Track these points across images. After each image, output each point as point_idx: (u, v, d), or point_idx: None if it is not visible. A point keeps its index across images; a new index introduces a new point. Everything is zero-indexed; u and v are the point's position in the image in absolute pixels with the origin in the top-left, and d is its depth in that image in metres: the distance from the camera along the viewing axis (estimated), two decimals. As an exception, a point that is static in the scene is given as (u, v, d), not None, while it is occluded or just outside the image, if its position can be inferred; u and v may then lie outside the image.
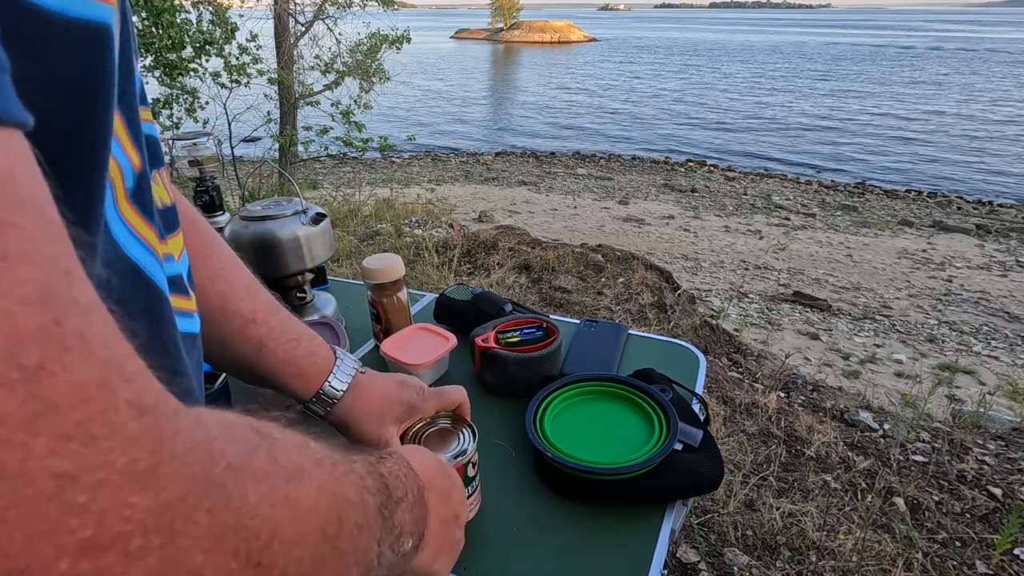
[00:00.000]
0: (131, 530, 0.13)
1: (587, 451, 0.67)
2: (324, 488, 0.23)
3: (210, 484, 0.16)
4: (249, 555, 0.17)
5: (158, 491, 0.14)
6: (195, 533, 0.15)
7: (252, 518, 0.18)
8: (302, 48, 7.69)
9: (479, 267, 3.37)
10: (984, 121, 14.24)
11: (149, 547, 0.14)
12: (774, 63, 29.19)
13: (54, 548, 0.12)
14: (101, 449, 0.13)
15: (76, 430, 0.13)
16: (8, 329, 0.12)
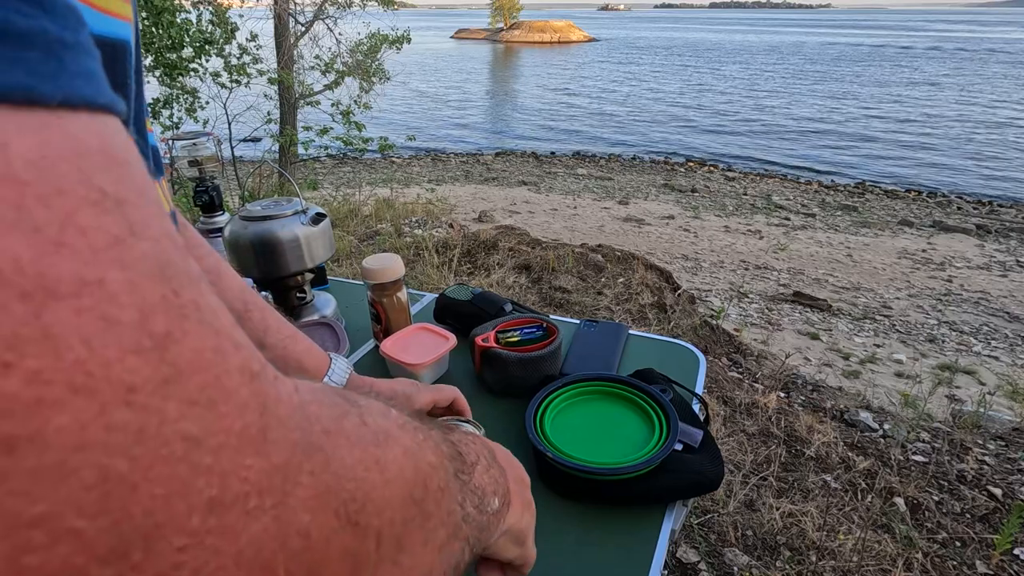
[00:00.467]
0: (248, 491, 0.14)
1: (587, 451, 0.67)
2: (409, 453, 0.23)
3: (311, 447, 0.17)
4: (348, 515, 0.18)
5: (268, 454, 0.15)
6: (301, 494, 0.16)
7: (349, 480, 0.18)
8: (302, 48, 7.69)
9: (479, 267, 3.37)
10: (984, 121, 14.24)
11: (263, 507, 0.15)
12: (774, 63, 29.19)
13: (186, 505, 0.13)
14: (220, 413, 0.14)
15: (199, 395, 0.14)
16: (138, 300, 0.13)
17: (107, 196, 0.14)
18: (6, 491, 0.11)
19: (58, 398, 0.11)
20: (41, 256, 0.12)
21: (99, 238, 0.13)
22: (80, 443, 0.12)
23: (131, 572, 0.12)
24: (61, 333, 0.12)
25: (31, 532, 0.11)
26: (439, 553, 0.25)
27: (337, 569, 0.18)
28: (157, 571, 0.13)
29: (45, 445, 0.11)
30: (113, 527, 0.12)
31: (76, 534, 0.11)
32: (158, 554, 0.13)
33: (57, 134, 0.13)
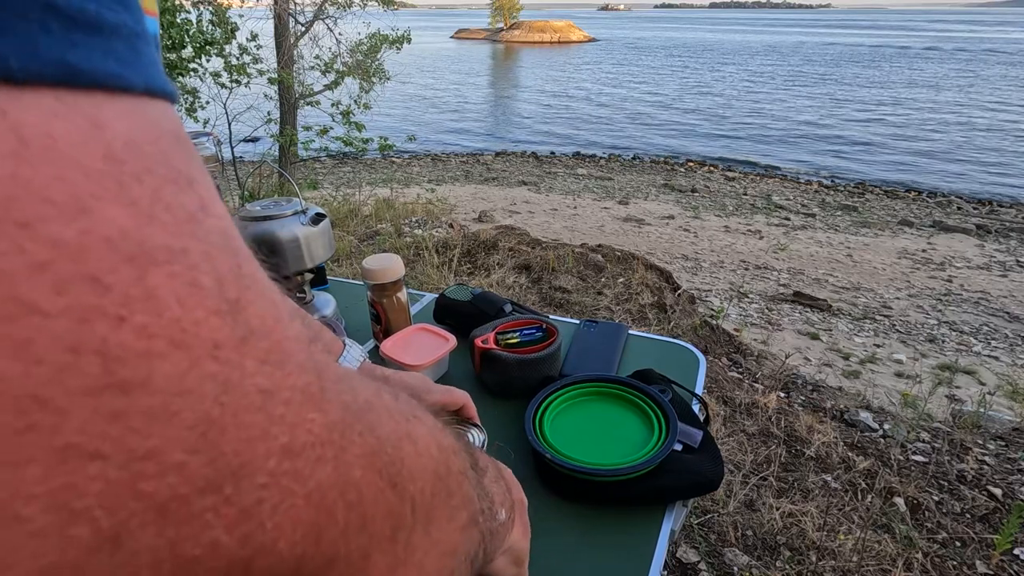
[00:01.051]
0: (312, 441, 0.16)
1: (587, 452, 0.67)
2: (432, 434, 0.25)
3: (357, 411, 0.19)
4: (390, 477, 0.20)
5: (327, 411, 0.17)
6: (354, 451, 0.18)
7: (388, 446, 0.20)
8: (302, 48, 7.69)
9: (479, 267, 3.37)
10: (984, 121, 14.24)
11: (325, 457, 0.16)
12: (774, 63, 29.19)
13: (265, 449, 0.15)
14: (286, 372, 0.16)
15: (268, 355, 0.15)
16: (214, 269, 0.15)
17: (182, 175, 0.15)
18: (125, 427, 0.12)
19: (161, 350, 0.13)
20: (140, 226, 0.13)
21: (180, 213, 0.14)
22: (181, 389, 0.13)
23: (224, 503, 0.14)
24: (161, 294, 0.13)
25: (145, 463, 0.12)
26: (461, 534, 0.26)
27: (381, 526, 0.19)
28: (244, 504, 0.14)
29: (154, 389, 0.13)
30: (209, 463, 0.14)
31: (181, 467, 0.13)
32: (244, 489, 0.14)
33: (142, 119, 0.14)
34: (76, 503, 0.12)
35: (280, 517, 0.15)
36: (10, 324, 0.11)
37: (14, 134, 0.12)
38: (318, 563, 0.17)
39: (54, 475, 0.11)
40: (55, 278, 0.12)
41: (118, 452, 0.12)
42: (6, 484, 0.11)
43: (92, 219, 0.12)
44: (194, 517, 0.13)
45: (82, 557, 0.12)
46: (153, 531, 0.13)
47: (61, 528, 0.11)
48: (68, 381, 0.12)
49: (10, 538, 0.11)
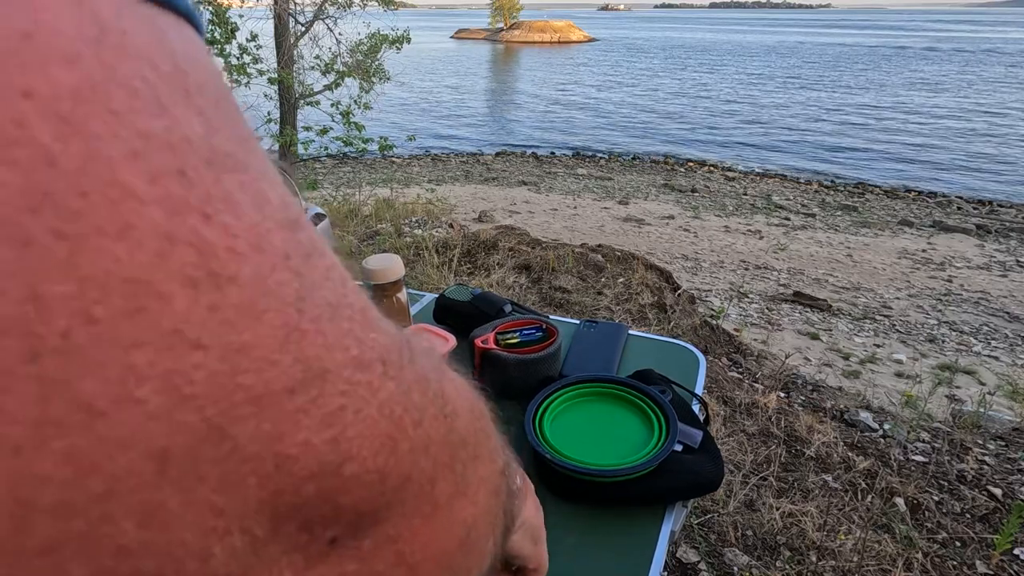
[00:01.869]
0: (376, 357, 0.17)
1: (586, 453, 0.67)
2: (461, 380, 0.25)
3: (402, 343, 0.19)
4: (441, 406, 0.20)
5: (382, 331, 0.18)
6: (408, 375, 0.18)
7: (432, 376, 0.20)
8: (302, 48, 7.69)
9: (479, 267, 3.37)
10: (984, 121, 14.24)
11: (389, 374, 0.17)
12: (774, 63, 29.20)
13: (342, 358, 0.15)
14: (345, 291, 0.17)
15: (327, 273, 0.16)
16: (275, 186, 0.15)
17: (228, 96, 0.15)
18: (222, 319, 0.13)
19: (243, 251, 0.13)
20: (209, 133, 0.13)
21: (237, 131, 0.15)
22: (265, 289, 0.13)
23: (311, 404, 0.14)
24: (238, 199, 0.13)
25: (241, 357, 0.13)
26: (500, 477, 0.26)
27: (441, 451, 0.19)
28: (329, 408, 0.15)
29: (242, 286, 0.13)
30: (296, 363, 0.14)
31: (273, 364, 0.13)
32: (328, 394, 0.15)
33: (188, 35, 0.15)
34: (185, 389, 0.12)
35: (361, 425, 0.15)
36: (114, 207, 0.11)
37: (95, 22, 0.12)
38: (396, 479, 0.17)
39: (163, 359, 0.12)
40: (148, 167, 0.12)
41: (217, 343, 0.12)
42: (123, 365, 0.11)
43: (172, 118, 0.12)
44: (287, 415, 0.14)
45: (193, 444, 0.12)
46: (253, 425, 0.13)
47: (171, 412, 0.12)
48: (168, 267, 0.12)
49: (130, 418, 0.11)
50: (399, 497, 0.17)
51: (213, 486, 0.13)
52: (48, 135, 0.10)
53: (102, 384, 0.11)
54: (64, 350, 0.10)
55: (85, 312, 0.11)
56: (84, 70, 0.11)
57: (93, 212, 0.11)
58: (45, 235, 0.10)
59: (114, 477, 0.11)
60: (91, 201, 0.11)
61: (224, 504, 0.13)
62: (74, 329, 0.11)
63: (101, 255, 0.11)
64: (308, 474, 0.14)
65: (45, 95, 0.11)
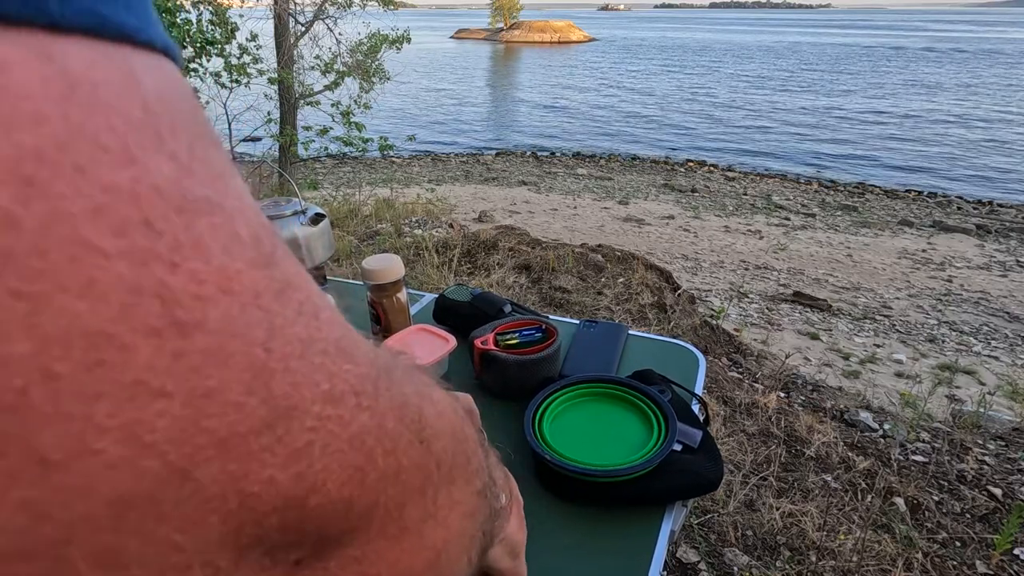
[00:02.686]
0: (349, 390, 0.17)
1: (586, 453, 0.67)
2: (446, 400, 0.25)
3: (382, 368, 0.19)
4: (418, 431, 0.20)
5: (358, 363, 0.18)
6: (384, 404, 0.18)
7: (412, 403, 0.21)
8: (302, 48, 7.69)
9: (479, 267, 3.37)
10: (984, 121, 14.24)
11: (361, 405, 0.17)
12: (774, 63, 29.19)
13: (311, 394, 0.15)
14: (319, 324, 0.17)
15: (302, 307, 0.16)
16: (248, 223, 0.15)
17: (207, 133, 0.16)
18: (187, 366, 0.13)
19: (211, 295, 0.13)
20: (181, 177, 0.14)
21: (213, 168, 0.15)
22: (233, 332, 0.14)
23: (277, 443, 0.14)
24: (207, 243, 0.14)
25: (207, 402, 0.13)
26: (478, 499, 0.26)
27: (413, 478, 0.20)
28: (296, 445, 0.15)
29: (209, 331, 0.13)
30: (263, 403, 0.14)
31: (238, 407, 0.14)
32: (295, 431, 0.15)
33: (167, 75, 0.15)
34: (146, 437, 0.12)
35: (328, 459, 0.16)
36: (76, 264, 0.11)
37: (64, 79, 0.12)
38: (363, 507, 0.17)
39: (124, 410, 0.12)
40: (113, 221, 0.12)
41: (181, 390, 0.13)
42: (81, 418, 0.11)
43: (140, 168, 0.13)
44: (252, 455, 0.14)
45: (154, 488, 0.12)
46: (217, 466, 0.13)
47: (133, 460, 0.12)
48: (132, 320, 0.12)
49: (87, 469, 0.11)
50: (365, 522, 0.18)
51: (174, 526, 0.13)
52: (8, 198, 0.11)
53: (58, 438, 0.11)
54: (19, 407, 0.11)
55: (44, 368, 0.11)
56: (50, 130, 0.11)
57: (54, 271, 0.11)
58: (6, 297, 0.11)
59: (69, 524, 0.11)
60: (51, 260, 0.11)
61: (185, 542, 0.13)
62: (31, 386, 0.11)
63: (62, 313, 0.11)
64: (271, 508, 0.15)
65: (8, 157, 0.11)
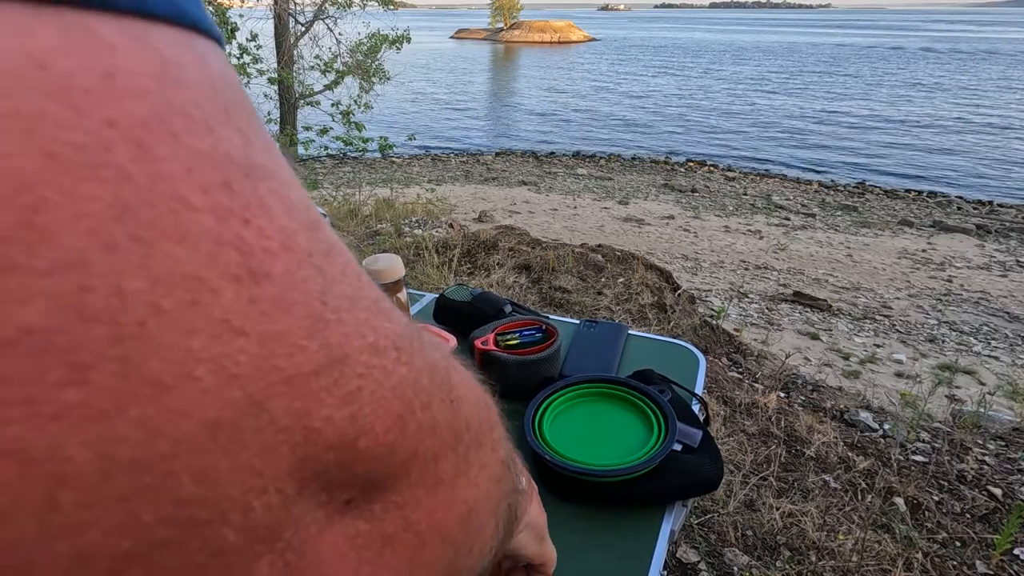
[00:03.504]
0: (389, 345, 0.18)
1: (586, 453, 0.67)
2: (469, 373, 0.26)
3: (411, 332, 0.21)
4: (448, 392, 0.22)
5: (395, 321, 0.19)
6: (419, 362, 0.20)
7: (441, 365, 0.22)
8: (302, 48, 7.69)
9: (479, 267, 3.37)
10: (984, 121, 14.24)
11: (401, 359, 0.19)
12: (774, 63, 29.19)
13: (359, 344, 0.17)
14: (362, 283, 0.19)
15: (345, 268, 0.18)
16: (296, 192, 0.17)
17: (255, 111, 0.17)
18: (259, 311, 0.14)
19: (276, 250, 0.15)
20: (245, 146, 0.15)
21: (265, 141, 0.17)
22: (293, 283, 0.15)
23: (334, 386, 0.16)
24: (270, 204, 0.15)
25: (276, 343, 0.15)
26: (502, 467, 0.27)
27: (446, 433, 0.21)
28: (348, 388, 0.17)
29: (275, 281, 0.15)
30: (321, 348, 0.16)
31: (301, 349, 0.15)
32: (347, 376, 0.17)
33: (222, 59, 0.16)
34: (232, 369, 0.14)
35: (375, 404, 0.17)
36: (175, 216, 0.13)
37: (158, 60, 0.14)
38: (404, 454, 0.19)
39: (214, 344, 0.13)
40: (200, 181, 0.14)
41: (256, 331, 0.14)
42: (183, 349, 0.13)
43: (217, 137, 0.15)
44: (313, 394, 0.16)
45: (238, 416, 0.14)
46: (285, 401, 0.15)
47: (221, 389, 0.14)
48: (218, 266, 0.14)
49: (188, 393, 0.13)
50: (406, 470, 0.19)
51: (254, 452, 0.15)
52: (126, 157, 0.13)
53: (168, 364, 0.13)
54: (140, 335, 0.13)
55: (155, 304, 0.13)
56: (151, 102, 0.13)
57: (160, 221, 0.13)
58: (125, 240, 0.12)
59: (177, 441, 0.13)
60: (158, 211, 0.13)
61: (262, 467, 0.15)
62: (148, 319, 0.13)
63: (167, 257, 0.13)
64: (329, 445, 0.16)
65: (124, 124, 0.13)
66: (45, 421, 0.12)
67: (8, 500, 0.12)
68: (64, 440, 0.12)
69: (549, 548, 0.41)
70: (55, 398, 0.12)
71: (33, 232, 0.11)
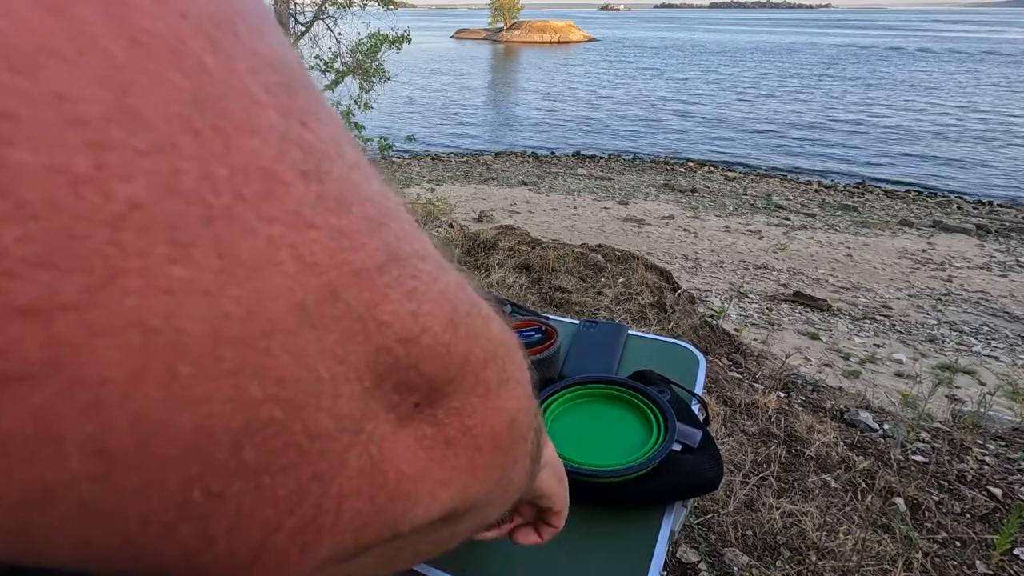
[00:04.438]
0: (429, 254, 0.19)
1: (586, 454, 0.67)
2: (492, 307, 0.27)
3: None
4: (479, 311, 0.22)
5: (427, 243, 0.20)
6: (453, 278, 0.21)
7: (468, 287, 0.22)
8: (302, 48, 7.69)
9: (479, 267, 3.37)
10: (984, 121, 14.24)
11: (441, 269, 0.20)
12: (773, 64, 29.19)
13: (409, 249, 0.18)
14: (399, 201, 0.20)
15: (383, 185, 0.19)
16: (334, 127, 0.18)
17: (284, 35, 0.18)
18: (325, 207, 0.15)
19: (331, 154, 0.16)
20: (287, 59, 0.16)
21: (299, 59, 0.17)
22: (348, 186, 0.16)
23: (395, 282, 0.17)
24: (318, 112, 0.16)
25: (342, 238, 0.15)
26: (528, 401, 0.28)
27: (486, 343, 0.22)
28: (407, 286, 0.17)
29: (335, 180, 0.16)
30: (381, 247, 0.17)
31: (363, 246, 0.16)
32: (406, 275, 0.17)
33: None
34: (308, 258, 0.14)
35: (430, 304, 0.18)
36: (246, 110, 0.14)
37: None
38: (458, 359, 0.20)
39: (290, 233, 0.14)
40: (263, 79, 0.15)
41: (324, 224, 0.15)
42: (264, 235, 0.14)
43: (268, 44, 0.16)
44: (378, 288, 0.16)
45: (318, 302, 0.15)
46: (356, 292, 0.16)
47: (301, 275, 0.14)
48: (287, 160, 0.14)
49: (274, 276, 0.14)
50: (461, 374, 0.20)
51: (336, 338, 0.15)
52: (200, 48, 0.13)
53: (254, 246, 0.14)
54: (228, 216, 0.13)
55: (237, 191, 0.13)
56: (217, 7, 0.14)
57: (233, 113, 0.14)
58: (208, 128, 0.13)
59: (271, 320, 0.14)
60: (232, 105, 0.14)
61: (344, 353, 0.16)
62: (233, 203, 0.13)
63: (243, 148, 0.14)
64: (398, 339, 0.17)
65: (195, 16, 0.13)
66: (159, 293, 0.12)
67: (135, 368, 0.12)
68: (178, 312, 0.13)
69: (566, 493, 0.42)
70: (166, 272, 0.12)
71: (128, 114, 0.12)
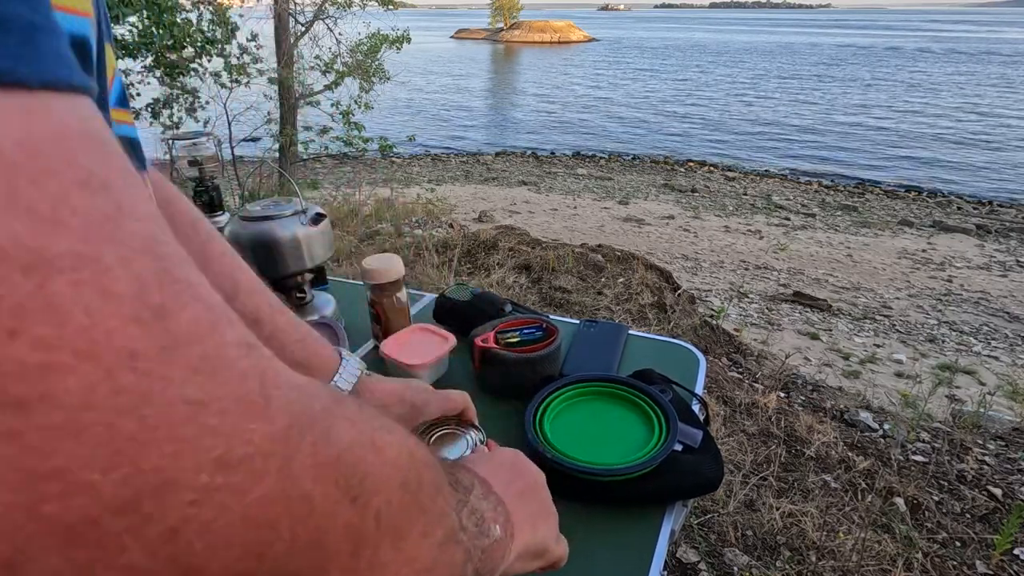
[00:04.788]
0: (252, 452, 0.15)
1: (586, 452, 0.67)
2: (403, 445, 0.23)
3: (311, 419, 0.18)
4: (348, 488, 0.19)
5: (271, 420, 0.16)
6: (304, 462, 0.17)
7: (348, 455, 0.19)
8: (302, 48, 7.69)
9: (479, 267, 3.37)
10: (984, 122, 14.24)
11: (268, 469, 0.16)
12: (774, 63, 29.18)
13: (195, 462, 0.14)
14: (221, 380, 0.15)
15: (200, 363, 0.15)
16: (133, 274, 0.14)
17: (93, 176, 0.14)
18: (21, 447, 0.12)
19: (65, 362, 0.12)
20: (38, 234, 0.12)
21: (91, 216, 0.14)
22: (88, 403, 0.12)
23: (143, 523, 0.13)
24: (63, 303, 0.12)
25: (48, 484, 0.12)
26: (439, 550, 0.24)
27: (340, 542, 0.18)
28: (168, 524, 0.13)
29: (55, 405, 0.12)
30: (124, 481, 0.13)
31: (90, 486, 0.12)
32: (169, 507, 0.13)
33: (40, 116, 0.14)
34: None
35: (212, 536, 0.14)
36: None
37: None
38: None
39: None
40: None
41: (13, 473, 0.12)
42: None
43: None
44: (107, 539, 0.13)
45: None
46: (57, 557, 0.12)
47: None
48: None
49: None
50: None
51: None
52: None
53: None
54: None
55: None
56: None
57: None
58: None
59: None
60: None
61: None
62: None
63: None
64: None
65: None
66: None
67: None
68: None
69: (553, 552, 0.41)
70: None
71: None
